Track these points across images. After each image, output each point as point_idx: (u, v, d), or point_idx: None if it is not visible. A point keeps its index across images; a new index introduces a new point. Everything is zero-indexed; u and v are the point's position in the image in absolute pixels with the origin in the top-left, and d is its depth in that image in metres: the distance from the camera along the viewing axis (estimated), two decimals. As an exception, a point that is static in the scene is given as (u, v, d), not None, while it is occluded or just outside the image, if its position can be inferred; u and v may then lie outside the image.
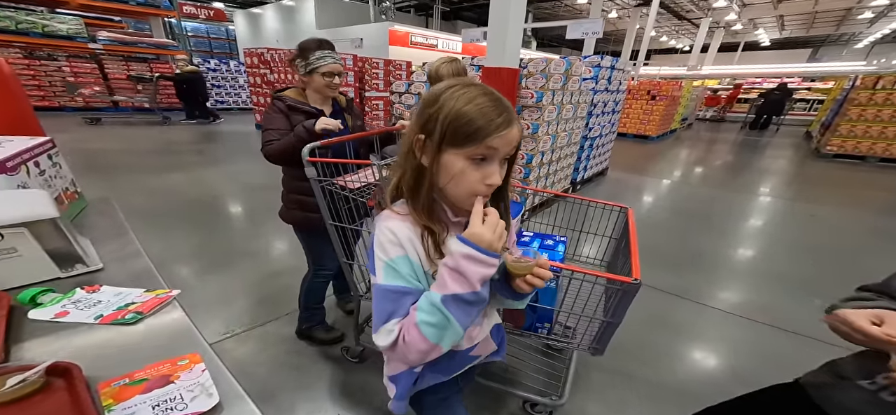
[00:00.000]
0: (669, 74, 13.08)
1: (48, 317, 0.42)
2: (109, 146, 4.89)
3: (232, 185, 3.75)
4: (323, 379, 1.44)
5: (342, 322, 1.78)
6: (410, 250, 0.51)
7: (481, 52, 3.63)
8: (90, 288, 0.49)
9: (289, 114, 1.25)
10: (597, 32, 3.28)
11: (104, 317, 0.45)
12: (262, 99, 6.67)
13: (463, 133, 0.46)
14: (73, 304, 0.46)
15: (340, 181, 1.12)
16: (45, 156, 0.86)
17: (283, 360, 1.52)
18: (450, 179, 0.49)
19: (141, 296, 0.51)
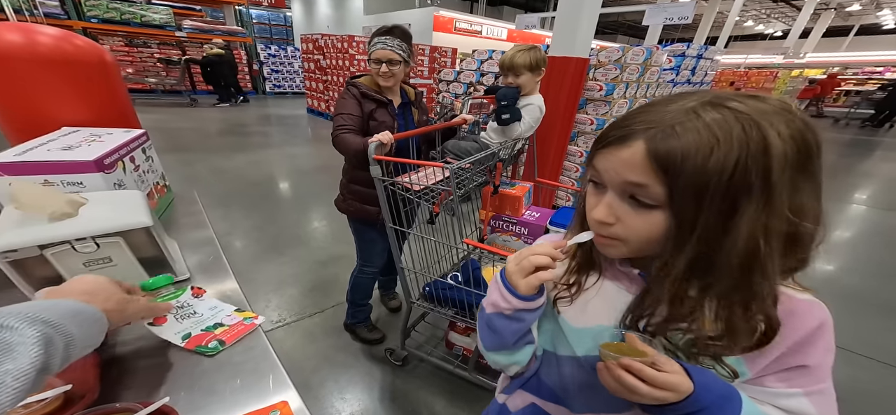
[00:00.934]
0: (759, 63, 11.18)
1: (148, 321, 0.45)
2: (179, 125, 5.45)
3: (285, 167, 3.95)
4: (366, 380, 1.42)
5: (385, 320, 1.76)
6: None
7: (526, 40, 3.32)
8: (197, 291, 0.52)
9: (361, 100, 1.22)
10: (685, 18, 2.80)
11: (190, 339, 0.44)
12: (314, 84, 6.95)
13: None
14: (176, 308, 0.48)
15: (404, 181, 1.05)
16: (139, 150, 0.87)
17: (329, 355, 1.53)
18: None
19: (231, 317, 0.50)
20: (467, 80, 3.68)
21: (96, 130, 0.70)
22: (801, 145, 0.30)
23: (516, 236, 1.34)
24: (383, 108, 1.24)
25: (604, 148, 0.34)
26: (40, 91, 0.71)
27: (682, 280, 0.34)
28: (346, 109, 1.20)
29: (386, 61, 1.19)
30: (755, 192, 0.29)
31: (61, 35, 0.71)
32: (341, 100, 1.24)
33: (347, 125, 1.18)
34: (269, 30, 10.33)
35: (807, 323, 0.36)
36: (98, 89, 0.78)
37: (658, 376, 0.34)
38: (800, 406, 0.37)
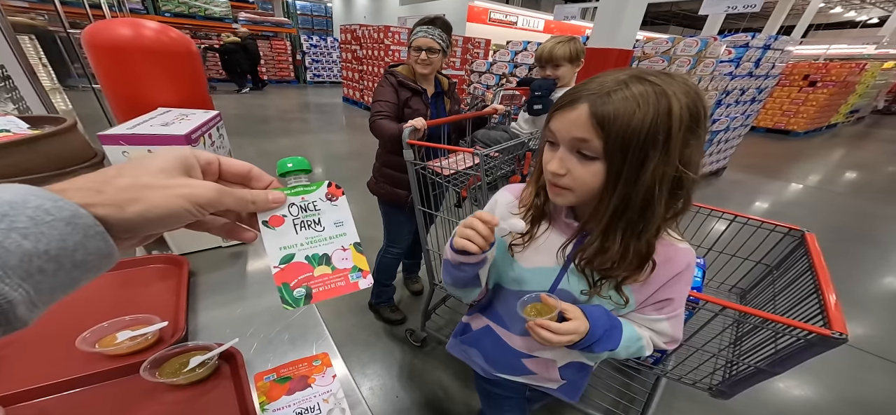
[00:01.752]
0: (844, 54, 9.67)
1: (266, 217, 0.30)
2: (228, 112, 5.97)
3: (322, 152, 4.19)
4: (386, 358, 1.51)
5: (407, 303, 1.84)
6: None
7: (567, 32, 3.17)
8: (333, 190, 0.34)
9: (398, 88, 1.28)
10: (752, 6, 2.51)
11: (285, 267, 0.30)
12: (350, 74, 7.20)
13: None
14: (300, 209, 0.32)
15: (435, 166, 1.11)
16: (214, 128, 1.01)
17: (353, 333, 1.64)
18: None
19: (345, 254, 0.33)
20: (500, 71, 3.63)
21: (184, 111, 0.83)
22: (693, 112, 0.40)
23: None
24: (418, 96, 1.29)
25: (558, 111, 0.44)
26: (143, 77, 0.85)
27: (610, 217, 0.44)
28: (383, 96, 1.27)
29: (426, 49, 1.23)
30: (659, 145, 0.39)
31: (160, 28, 0.84)
32: (380, 87, 1.30)
33: (384, 111, 1.24)
34: (311, 20, 10.81)
35: (678, 265, 0.50)
36: (185, 76, 0.91)
37: (562, 326, 0.50)
38: (662, 327, 0.55)
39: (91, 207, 0.21)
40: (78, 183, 0.22)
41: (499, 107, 1.48)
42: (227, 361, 0.47)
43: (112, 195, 0.22)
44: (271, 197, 0.30)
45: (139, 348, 0.47)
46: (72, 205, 0.20)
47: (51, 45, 5.74)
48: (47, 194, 0.20)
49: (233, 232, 0.31)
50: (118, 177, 0.23)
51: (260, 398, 0.42)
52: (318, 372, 0.47)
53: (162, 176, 0.24)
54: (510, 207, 0.58)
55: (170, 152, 0.25)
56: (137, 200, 0.22)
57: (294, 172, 0.34)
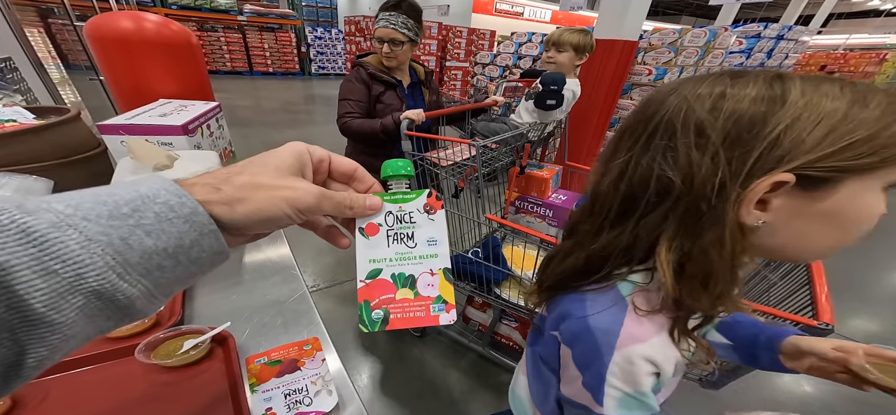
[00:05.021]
0: (864, 43, 9.30)
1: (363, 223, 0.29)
2: (238, 103, 6.01)
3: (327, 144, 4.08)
4: (387, 347, 1.53)
5: None
6: (666, 366, 0.34)
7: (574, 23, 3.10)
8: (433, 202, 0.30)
9: (370, 83, 1.18)
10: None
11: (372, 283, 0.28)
12: (355, 67, 7.15)
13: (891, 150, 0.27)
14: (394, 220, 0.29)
15: (432, 157, 1.10)
16: (213, 119, 1.03)
17: (353, 322, 1.66)
18: (830, 228, 0.30)
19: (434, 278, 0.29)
20: (504, 63, 3.59)
21: (184, 102, 0.85)
22: None
23: (541, 218, 1.34)
24: (392, 90, 1.20)
25: None
26: (144, 68, 0.87)
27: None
28: (352, 94, 1.15)
29: (388, 41, 1.09)
30: None
31: (161, 21, 0.86)
32: (347, 83, 1.18)
33: (353, 112, 1.14)
34: (315, 12, 10.77)
35: None
36: (185, 67, 0.93)
37: None
38: None
39: (208, 205, 0.21)
40: (205, 179, 0.23)
41: (499, 99, 1.48)
42: (219, 344, 0.48)
43: (227, 194, 0.22)
44: (369, 203, 0.29)
45: (136, 330, 0.48)
46: (193, 202, 0.21)
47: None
48: (176, 189, 0.20)
49: (330, 235, 0.31)
50: (240, 174, 0.23)
51: (250, 380, 0.43)
52: (308, 356, 0.48)
53: (275, 175, 0.24)
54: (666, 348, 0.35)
55: (287, 150, 0.26)
56: (245, 200, 0.23)
57: (396, 176, 0.31)
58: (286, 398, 0.42)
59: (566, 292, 0.39)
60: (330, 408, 0.42)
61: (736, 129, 0.29)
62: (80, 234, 0.17)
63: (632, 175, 0.33)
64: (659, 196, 0.32)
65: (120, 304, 0.18)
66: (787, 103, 0.28)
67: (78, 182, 0.73)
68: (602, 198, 0.36)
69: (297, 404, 0.42)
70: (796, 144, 0.27)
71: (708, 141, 0.29)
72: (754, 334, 0.46)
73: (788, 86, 0.28)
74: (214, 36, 7.94)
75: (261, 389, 0.42)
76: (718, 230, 0.30)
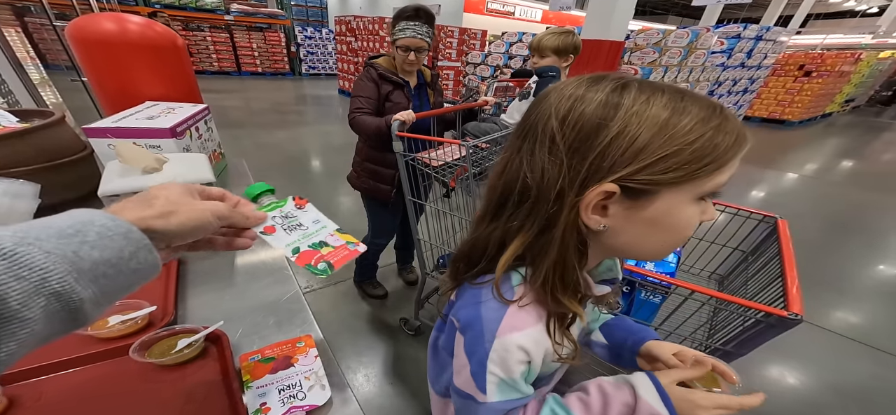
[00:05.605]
0: (841, 43, 9.66)
1: (260, 228, 0.38)
2: (229, 104, 5.92)
3: (319, 144, 4.20)
4: (380, 346, 1.54)
5: (401, 293, 1.87)
6: (537, 355, 0.37)
7: (564, 23, 3.16)
8: (299, 201, 0.45)
9: (379, 83, 1.25)
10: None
11: (299, 255, 0.38)
12: (346, 66, 7.14)
13: (704, 160, 0.30)
14: (283, 218, 0.41)
15: (424, 157, 1.12)
16: (202, 122, 1.02)
17: (348, 322, 1.67)
18: (656, 233, 0.34)
19: (333, 237, 0.43)
20: (494, 63, 3.62)
21: (171, 104, 0.84)
22: None
23: None
24: (400, 90, 1.26)
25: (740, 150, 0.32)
26: (129, 70, 0.86)
27: None
28: (363, 92, 1.23)
29: (414, 49, 1.16)
30: None
31: (145, 23, 0.85)
32: (359, 82, 1.26)
33: (363, 108, 1.22)
34: (305, 12, 10.65)
35: None
36: (172, 69, 0.92)
37: None
38: None
39: (143, 221, 0.27)
40: (131, 203, 0.28)
41: (489, 99, 1.50)
42: (213, 342, 0.49)
43: (160, 209, 0.28)
44: (260, 213, 0.39)
45: (129, 331, 0.49)
46: (126, 224, 0.25)
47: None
48: (109, 215, 0.25)
49: (231, 245, 0.37)
50: (157, 198, 0.29)
51: (244, 377, 0.44)
52: (301, 353, 0.50)
53: (188, 196, 0.31)
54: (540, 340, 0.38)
55: (181, 184, 0.33)
56: (176, 213, 0.29)
57: (262, 194, 0.43)
58: (280, 394, 0.43)
59: (469, 282, 0.41)
60: (323, 402, 0.43)
61: (578, 137, 0.31)
62: (39, 248, 0.21)
63: (507, 173, 0.36)
64: (520, 196, 0.34)
65: (73, 306, 0.22)
66: (618, 112, 0.30)
67: (64, 185, 0.72)
68: (488, 190, 0.39)
69: (291, 399, 0.43)
70: (619, 155, 0.30)
71: (556, 148, 0.32)
72: (624, 337, 0.51)
73: (625, 94, 0.30)
74: (201, 36, 7.79)
75: (255, 385, 0.44)
76: (557, 231, 0.33)
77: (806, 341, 1.62)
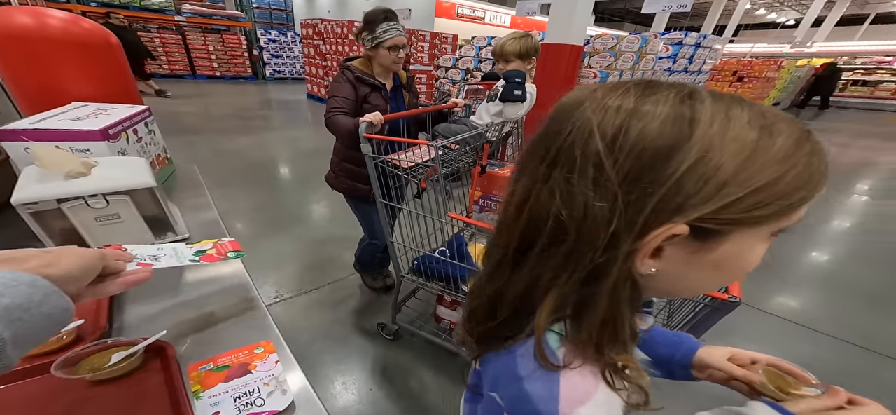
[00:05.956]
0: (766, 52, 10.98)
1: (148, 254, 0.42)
2: (183, 109, 5.50)
3: (287, 150, 4.03)
4: (359, 352, 1.50)
5: (378, 298, 1.84)
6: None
7: (531, 27, 3.32)
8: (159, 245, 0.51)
9: (357, 85, 1.26)
10: (683, 6, 2.79)
11: (200, 260, 0.44)
12: (314, 70, 6.94)
13: (797, 193, 0.24)
14: (156, 253, 0.46)
15: (394, 159, 1.11)
16: (142, 124, 0.94)
17: (324, 330, 1.61)
18: (716, 276, 0.28)
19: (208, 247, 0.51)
20: (465, 66, 3.69)
21: (103, 105, 0.76)
22: None
23: None
24: (377, 91, 1.28)
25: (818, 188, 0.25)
26: (51, 68, 0.77)
27: None
28: (340, 92, 1.24)
29: (401, 47, 1.21)
30: None
31: (70, 18, 0.77)
32: (336, 83, 1.27)
33: (340, 108, 1.22)
34: (269, 14, 10.21)
35: None
36: (103, 69, 0.84)
37: None
38: None
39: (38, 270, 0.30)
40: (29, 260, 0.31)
41: (459, 101, 1.52)
42: (156, 354, 0.45)
43: (49, 260, 0.32)
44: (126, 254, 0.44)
45: (53, 347, 0.44)
46: (30, 276, 0.28)
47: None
48: (9, 271, 0.28)
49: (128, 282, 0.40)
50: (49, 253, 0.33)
51: (194, 387, 0.41)
52: (260, 359, 0.47)
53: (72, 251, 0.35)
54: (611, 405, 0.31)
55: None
56: (66, 256, 0.33)
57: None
58: (236, 401, 0.40)
59: (493, 348, 0.33)
60: (284, 407, 0.41)
61: (637, 166, 0.23)
62: None
63: (533, 206, 0.28)
64: (552, 238, 0.27)
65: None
66: (695, 131, 0.23)
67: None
68: (506, 226, 0.30)
69: (248, 406, 0.40)
70: (697, 190, 0.23)
71: (605, 178, 0.24)
72: (671, 351, 0.46)
73: (700, 106, 0.23)
74: (147, 36, 7.17)
75: (206, 395, 0.40)
76: (606, 283, 0.26)
77: (753, 324, 1.77)
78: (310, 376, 0.46)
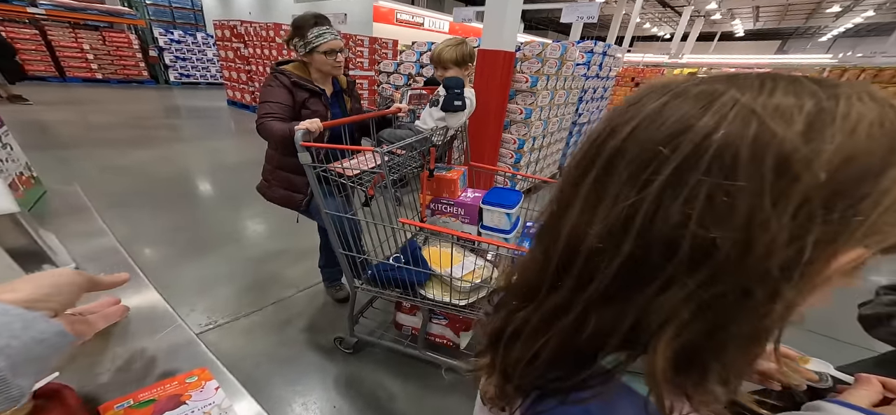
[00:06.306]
0: (652, 62, 13.33)
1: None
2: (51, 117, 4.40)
3: (206, 163, 3.53)
4: (317, 370, 1.42)
5: (333, 312, 1.75)
6: None
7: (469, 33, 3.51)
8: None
9: (293, 90, 1.20)
10: (592, 17, 3.23)
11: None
12: (235, 74, 6.24)
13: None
14: None
15: (337, 167, 1.08)
16: None
17: (272, 352, 1.48)
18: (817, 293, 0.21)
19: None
20: (407, 71, 3.69)
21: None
22: None
23: (455, 217, 1.44)
24: (317, 97, 1.24)
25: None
26: None
27: None
28: (273, 97, 1.17)
29: (339, 51, 1.20)
30: None
31: None
32: (268, 88, 1.20)
33: (275, 113, 1.15)
34: (170, 12, 8.82)
35: None
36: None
37: None
38: None
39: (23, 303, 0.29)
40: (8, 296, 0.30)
41: (403, 106, 1.52)
42: (49, 398, 0.36)
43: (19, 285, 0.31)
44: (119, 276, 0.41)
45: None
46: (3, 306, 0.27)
47: None
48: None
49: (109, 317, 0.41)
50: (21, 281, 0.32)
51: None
52: (195, 388, 0.41)
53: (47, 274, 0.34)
54: None
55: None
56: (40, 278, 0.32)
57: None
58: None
59: (548, 397, 0.26)
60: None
61: (844, 174, 0.18)
62: None
63: (645, 228, 0.20)
64: (692, 265, 0.20)
65: None
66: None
67: None
68: (585, 256, 0.23)
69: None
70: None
71: (797, 187, 0.18)
72: None
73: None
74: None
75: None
76: (763, 321, 0.20)
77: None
78: (262, 401, 0.42)
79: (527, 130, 2.92)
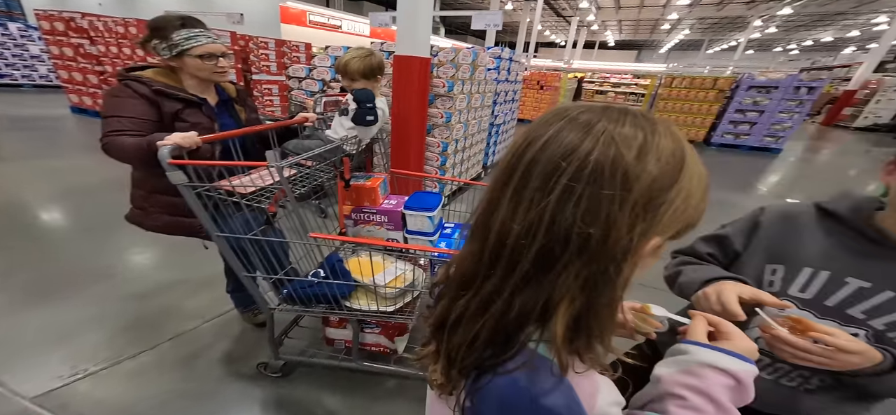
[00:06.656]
0: (551, 67, 15.28)
1: None
2: None
3: (49, 187, 2.74)
4: (239, 400, 1.30)
5: (252, 336, 1.59)
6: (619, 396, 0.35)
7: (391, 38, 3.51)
8: None
9: (158, 100, 1.02)
10: (497, 25, 3.56)
11: None
12: (76, 75, 4.94)
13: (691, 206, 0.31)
14: None
15: (226, 185, 0.96)
16: None
17: (179, 388, 1.30)
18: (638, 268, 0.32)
19: None
20: (321, 76, 3.47)
21: None
22: None
23: (379, 225, 1.45)
24: (195, 108, 1.08)
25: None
26: None
27: None
28: (123, 110, 0.98)
29: (220, 55, 1.08)
30: None
31: None
32: (114, 99, 1.00)
33: (127, 130, 0.96)
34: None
35: None
36: None
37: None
38: None
39: None
40: None
41: (310, 115, 1.44)
42: None
43: None
44: None
45: None
46: None
47: None
48: None
49: None
50: None
51: None
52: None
53: None
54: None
55: None
56: None
57: None
58: None
59: (485, 373, 0.31)
60: None
61: (654, 188, 0.27)
62: None
63: (551, 225, 0.28)
64: (579, 253, 0.28)
65: None
66: (684, 166, 0.28)
67: None
68: (510, 248, 0.29)
69: None
70: (682, 211, 0.29)
71: (630, 195, 0.27)
72: None
73: (683, 143, 0.29)
74: None
75: None
76: (615, 290, 0.29)
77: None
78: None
79: (449, 132, 3.07)
